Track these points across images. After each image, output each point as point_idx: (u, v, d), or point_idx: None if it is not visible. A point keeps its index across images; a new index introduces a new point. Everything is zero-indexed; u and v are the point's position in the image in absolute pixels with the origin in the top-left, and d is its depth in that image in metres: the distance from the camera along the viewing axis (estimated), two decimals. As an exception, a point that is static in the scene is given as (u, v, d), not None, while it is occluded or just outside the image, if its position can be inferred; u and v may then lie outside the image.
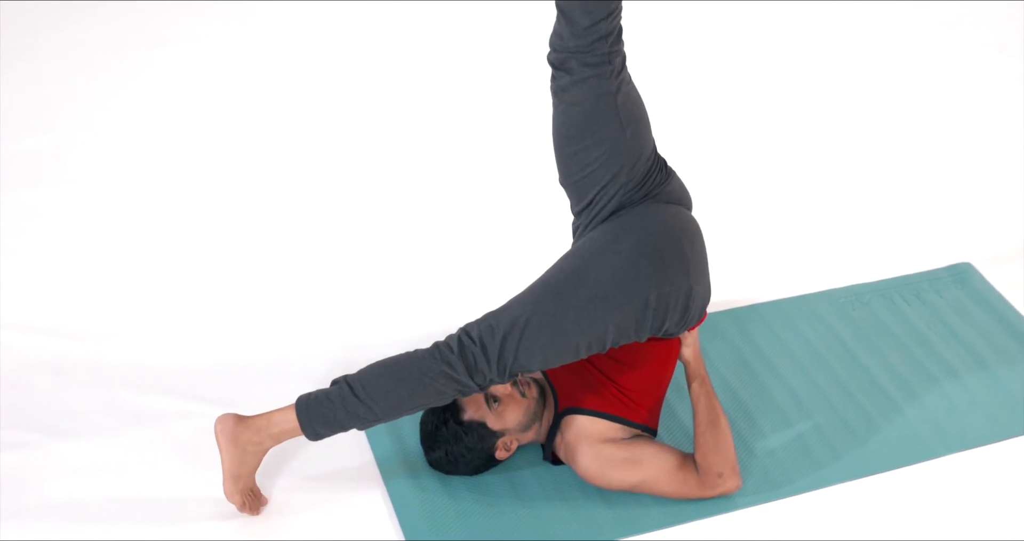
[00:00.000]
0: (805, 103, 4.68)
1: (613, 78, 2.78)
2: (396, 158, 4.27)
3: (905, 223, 4.01)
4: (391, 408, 2.78)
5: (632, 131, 2.83)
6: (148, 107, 4.42)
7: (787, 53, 4.98)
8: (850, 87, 4.77)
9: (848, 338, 3.49)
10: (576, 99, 2.81)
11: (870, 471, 3.09)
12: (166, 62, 4.68)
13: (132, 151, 4.21)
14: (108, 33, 4.84)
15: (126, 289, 3.60)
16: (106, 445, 3.05)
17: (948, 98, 4.70)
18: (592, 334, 2.78)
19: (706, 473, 2.93)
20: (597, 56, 2.76)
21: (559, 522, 2.92)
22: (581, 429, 2.95)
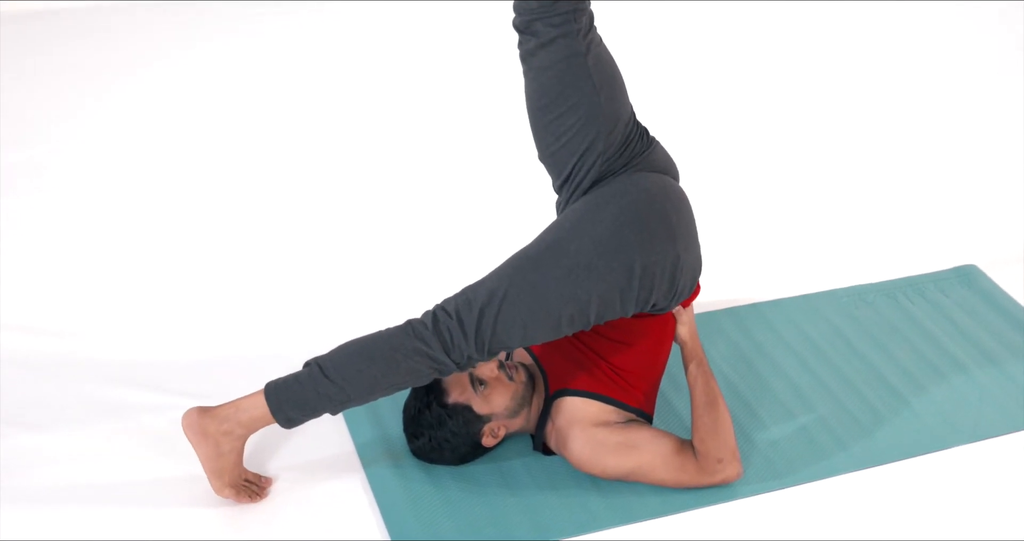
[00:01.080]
0: (810, 104, 4.62)
1: (581, 38, 2.67)
2: (374, 150, 4.22)
3: (909, 225, 3.91)
4: (363, 388, 2.64)
5: (607, 94, 2.72)
6: (124, 121, 4.33)
7: (795, 53, 4.95)
8: (856, 89, 4.72)
9: (851, 335, 3.36)
10: (545, 63, 2.69)
11: (878, 461, 2.94)
12: (149, 81, 4.61)
13: (109, 156, 4.13)
14: (93, 54, 4.79)
15: (101, 286, 3.49)
16: (80, 436, 2.90)
17: (951, 99, 4.64)
18: (574, 305, 2.64)
19: (705, 458, 2.78)
20: (561, 15, 2.64)
21: (550, 510, 2.76)
22: (573, 412, 2.80)
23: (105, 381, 3.09)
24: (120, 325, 3.32)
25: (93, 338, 3.26)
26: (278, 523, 2.70)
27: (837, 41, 5.04)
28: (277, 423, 2.67)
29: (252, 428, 2.67)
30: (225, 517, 2.71)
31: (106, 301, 3.42)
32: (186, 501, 2.74)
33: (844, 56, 4.92)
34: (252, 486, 2.75)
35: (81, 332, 3.27)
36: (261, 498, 2.75)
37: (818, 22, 5.16)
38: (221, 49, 4.85)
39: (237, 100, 4.51)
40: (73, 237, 3.70)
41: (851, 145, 4.37)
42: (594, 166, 2.75)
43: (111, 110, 4.40)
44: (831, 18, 5.18)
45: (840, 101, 4.64)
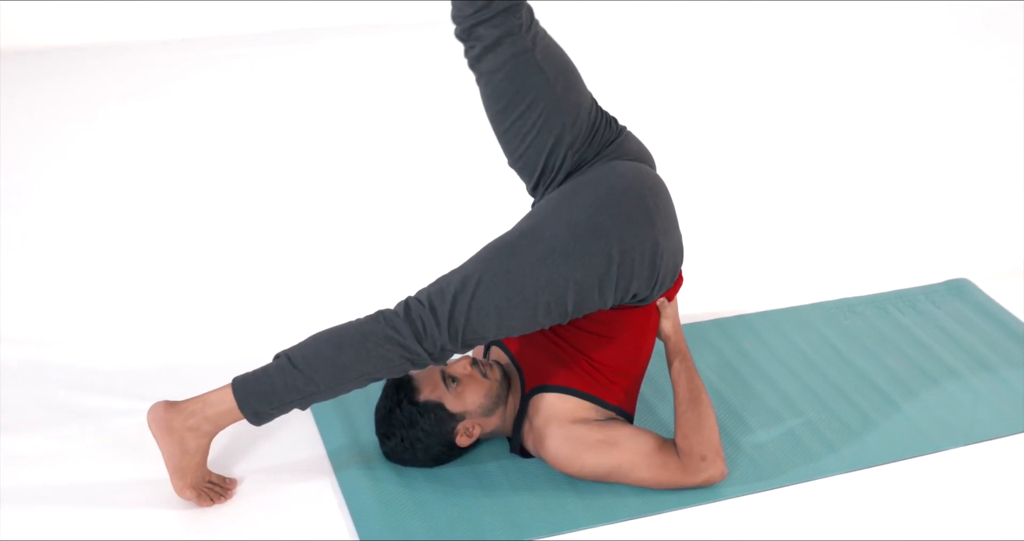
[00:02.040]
0: (802, 115, 4.61)
1: (525, 33, 2.61)
2: (349, 157, 4.21)
3: (900, 240, 3.84)
4: (332, 378, 2.55)
5: (562, 85, 2.65)
6: (100, 146, 4.29)
7: (790, 63, 4.93)
8: (849, 100, 4.70)
9: (840, 344, 3.27)
10: (494, 66, 2.64)
11: (868, 463, 2.83)
12: (130, 113, 4.58)
13: (79, 174, 4.11)
14: (79, 86, 4.77)
15: (67, 295, 3.42)
16: (42, 438, 2.81)
17: (942, 112, 4.62)
18: (551, 292, 2.56)
19: (688, 456, 2.68)
20: (500, 15, 2.58)
21: (526, 511, 2.65)
22: (551, 409, 2.70)
23: (69, 386, 3.01)
24: (86, 333, 3.24)
25: (58, 345, 3.18)
26: (242, 523, 2.60)
27: (833, 50, 5.03)
28: (245, 418, 2.57)
29: (219, 424, 2.58)
30: (187, 518, 2.61)
31: (71, 310, 3.35)
32: (146, 502, 2.64)
33: (840, 66, 4.91)
34: (216, 488, 2.66)
35: (46, 340, 3.19)
36: (225, 500, 2.65)
37: (813, 30, 5.16)
38: (198, 87, 4.82)
39: (207, 124, 4.47)
40: (40, 247, 3.65)
41: (841, 158, 4.33)
42: (566, 160, 2.69)
43: (84, 141, 4.36)
44: (826, 26, 5.18)
45: (832, 112, 4.62)
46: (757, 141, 4.41)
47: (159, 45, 5.12)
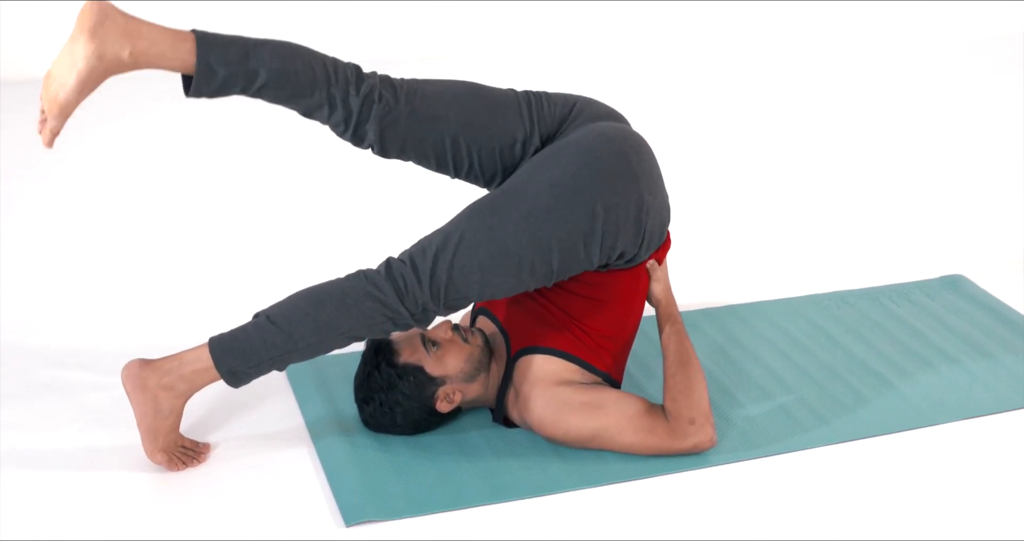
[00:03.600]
0: (799, 119, 4.61)
1: (400, 104, 2.57)
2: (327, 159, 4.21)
3: (894, 238, 3.82)
4: (311, 335, 2.50)
5: (468, 109, 2.62)
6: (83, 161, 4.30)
7: (789, 58, 4.95)
8: (845, 102, 4.72)
9: (833, 330, 3.23)
10: (397, 145, 2.61)
11: (861, 435, 2.78)
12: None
13: (65, 183, 4.09)
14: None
15: (52, 282, 3.42)
16: (16, 409, 2.77)
17: (939, 111, 4.64)
18: (534, 250, 2.53)
19: (676, 420, 2.62)
20: (364, 110, 2.55)
21: (508, 475, 2.59)
22: (535, 372, 2.65)
23: (48, 365, 2.96)
24: (65, 316, 3.22)
25: (38, 328, 3.15)
26: (215, 488, 2.53)
27: (834, 48, 5.06)
28: (221, 378, 2.52)
29: (194, 383, 2.52)
30: (156, 481, 2.55)
31: (52, 294, 3.34)
32: (116, 465, 2.58)
33: (841, 62, 4.94)
34: (188, 452, 2.60)
35: (24, 323, 3.17)
36: (197, 465, 2.60)
37: (810, 28, 5.19)
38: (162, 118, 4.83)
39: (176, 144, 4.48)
40: (26, 239, 3.65)
41: (835, 154, 4.38)
42: (525, 153, 2.67)
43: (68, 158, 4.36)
44: (824, 24, 5.21)
45: (827, 113, 4.63)
46: (754, 138, 4.43)
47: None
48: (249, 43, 2.46)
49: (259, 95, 2.51)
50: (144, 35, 2.38)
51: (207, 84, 2.44)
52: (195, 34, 2.43)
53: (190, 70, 2.42)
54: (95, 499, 2.49)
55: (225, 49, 2.43)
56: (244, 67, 2.44)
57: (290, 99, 2.52)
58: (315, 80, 2.50)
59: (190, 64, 2.41)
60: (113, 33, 2.37)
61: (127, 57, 2.38)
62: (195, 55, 2.41)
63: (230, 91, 2.48)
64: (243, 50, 2.45)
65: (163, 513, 2.46)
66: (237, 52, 2.44)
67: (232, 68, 2.43)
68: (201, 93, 2.46)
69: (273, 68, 2.46)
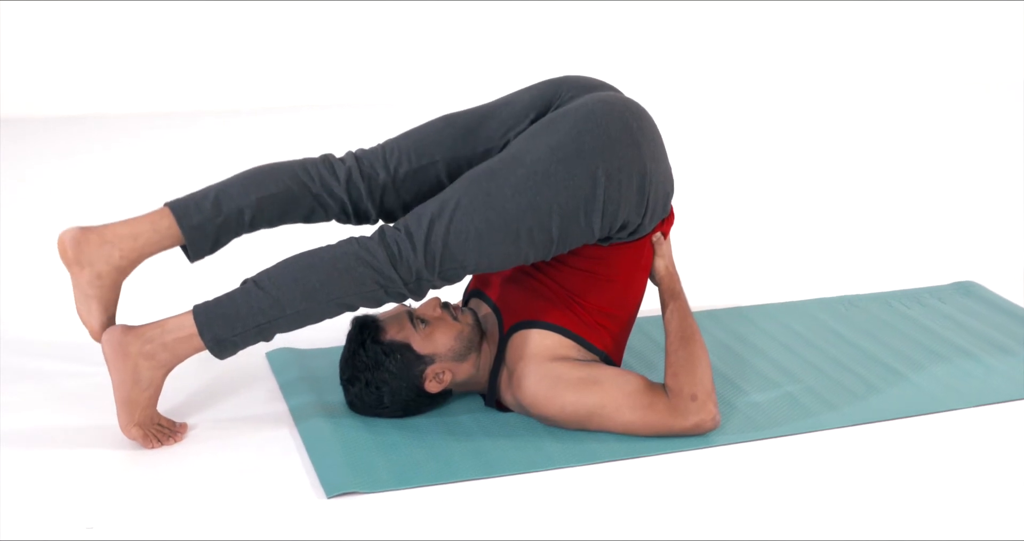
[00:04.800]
0: (810, 118, 4.59)
1: (381, 172, 2.63)
2: None
3: (904, 246, 3.77)
4: (300, 300, 2.44)
5: (447, 141, 2.66)
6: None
7: (801, 58, 4.95)
8: (858, 108, 4.70)
9: (843, 330, 3.14)
10: (393, 202, 2.67)
11: (871, 419, 2.69)
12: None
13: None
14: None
15: (24, 275, 3.39)
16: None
17: (950, 118, 4.60)
18: (533, 217, 2.47)
19: (677, 396, 2.53)
20: (345, 187, 2.62)
21: (499, 453, 2.50)
22: (529, 347, 2.57)
23: (26, 354, 2.92)
24: (43, 309, 3.18)
25: (17, 321, 3.11)
26: (190, 463, 2.45)
27: (851, 50, 5.06)
28: (205, 346, 2.45)
29: (176, 352, 2.45)
30: (131, 459, 2.46)
31: (35, 287, 3.32)
32: (88, 443, 2.51)
33: (855, 65, 4.94)
34: (164, 430, 2.52)
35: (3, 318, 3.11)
36: (173, 443, 2.51)
37: (821, 25, 5.18)
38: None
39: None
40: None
41: (846, 160, 4.37)
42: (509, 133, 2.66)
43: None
44: (835, 22, 5.19)
45: (839, 116, 4.63)
46: (765, 146, 4.40)
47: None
48: (218, 189, 2.57)
49: (255, 228, 2.59)
50: (123, 234, 2.50)
51: (203, 244, 2.55)
52: (169, 207, 2.54)
53: (182, 240, 2.53)
54: (69, 476, 2.41)
55: (199, 206, 2.53)
56: (225, 212, 2.54)
57: (284, 217, 2.61)
58: (294, 192, 2.58)
59: (179, 235, 2.53)
60: (94, 250, 2.50)
61: (121, 261, 2.50)
62: (178, 226, 2.51)
63: (228, 238, 2.58)
64: (215, 198, 2.54)
65: (132, 488, 2.38)
66: (211, 203, 2.53)
67: (216, 220, 2.53)
68: (202, 254, 2.57)
69: (251, 200, 2.55)
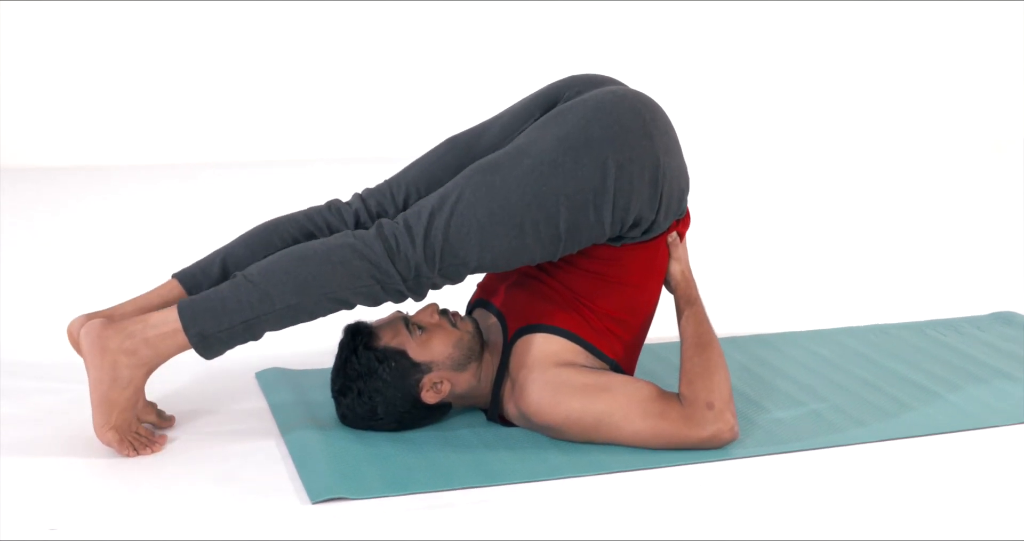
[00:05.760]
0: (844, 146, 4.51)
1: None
2: None
3: (940, 274, 3.68)
4: (291, 294, 2.32)
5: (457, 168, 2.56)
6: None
7: (834, 84, 4.85)
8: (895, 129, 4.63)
9: (872, 354, 3.00)
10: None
11: (903, 434, 2.53)
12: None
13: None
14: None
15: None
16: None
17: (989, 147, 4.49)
18: (539, 209, 2.35)
19: (692, 404, 2.38)
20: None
21: (500, 464, 2.36)
22: (533, 353, 2.44)
23: (4, 375, 2.81)
24: (29, 334, 3.11)
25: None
26: (166, 476, 2.31)
27: (882, 75, 4.99)
28: (190, 344, 2.33)
29: (159, 349, 2.32)
30: (106, 465, 2.33)
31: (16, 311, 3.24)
32: (58, 451, 2.39)
33: (893, 91, 4.87)
34: (142, 439, 2.38)
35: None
36: (150, 452, 2.38)
37: (854, 44, 5.11)
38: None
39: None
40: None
41: (880, 186, 4.27)
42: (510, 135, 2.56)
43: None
44: (868, 41, 5.14)
45: (875, 134, 4.56)
46: (794, 167, 4.33)
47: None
48: (224, 254, 2.51)
49: None
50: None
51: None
52: (177, 279, 2.49)
53: None
54: (43, 483, 2.28)
55: (207, 274, 2.49)
56: None
57: None
58: None
59: None
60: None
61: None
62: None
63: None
64: (222, 264, 2.50)
65: (103, 492, 2.26)
66: (218, 269, 2.49)
67: None
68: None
69: (258, 260, 2.45)
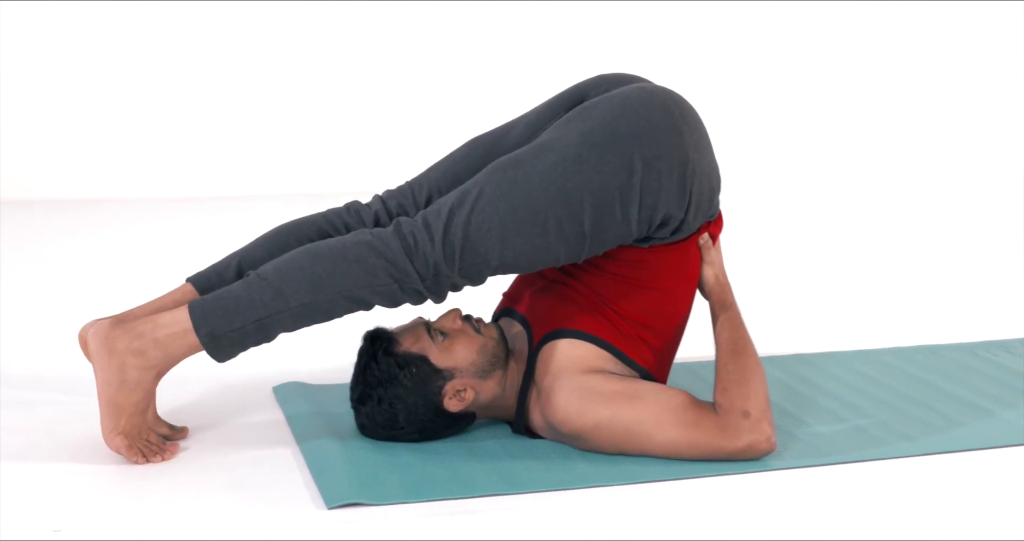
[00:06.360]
0: None
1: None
2: None
3: (989, 296, 3.59)
4: (305, 292, 2.25)
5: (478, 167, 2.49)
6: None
7: (884, 85, 4.82)
8: None
9: (921, 373, 2.89)
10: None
11: (953, 448, 2.42)
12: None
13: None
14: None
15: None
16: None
17: None
18: (563, 206, 2.28)
19: (728, 412, 2.29)
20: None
21: (526, 473, 2.27)
22: (559, 359, 2.36)
23: (5, 385, 2.74)
24: (35, 348, 3.05)
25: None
26: (178, 479, 2.24)
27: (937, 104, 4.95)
28: (201, 345, 2.26)
29: (169, 351, 2.26)
30: (114, 471, 2.26)
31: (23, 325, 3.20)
32: (60, 457, 2.32)
33: (945, 114, 4.82)
34: (152, 446, 2.31)
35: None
36: (160, 460, 2.30)
37: (915, 84, 5.08)
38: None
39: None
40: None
41: (927, 204, 4.20)
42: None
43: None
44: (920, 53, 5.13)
45: (922, 147, 4.54)
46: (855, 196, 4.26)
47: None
48: (239, 256, 2.46)
49: None
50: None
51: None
52: (190, 282, 2.43)
53: None
54: (47, 487, 2.21)
55: (222, 277, 2.44)
56: None
57: None
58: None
59: None
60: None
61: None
62: None
63: None
64: (237, 267, 2.44)
65: (109, 497, 2.19)
66: (233, 272, 2.44)
67: None
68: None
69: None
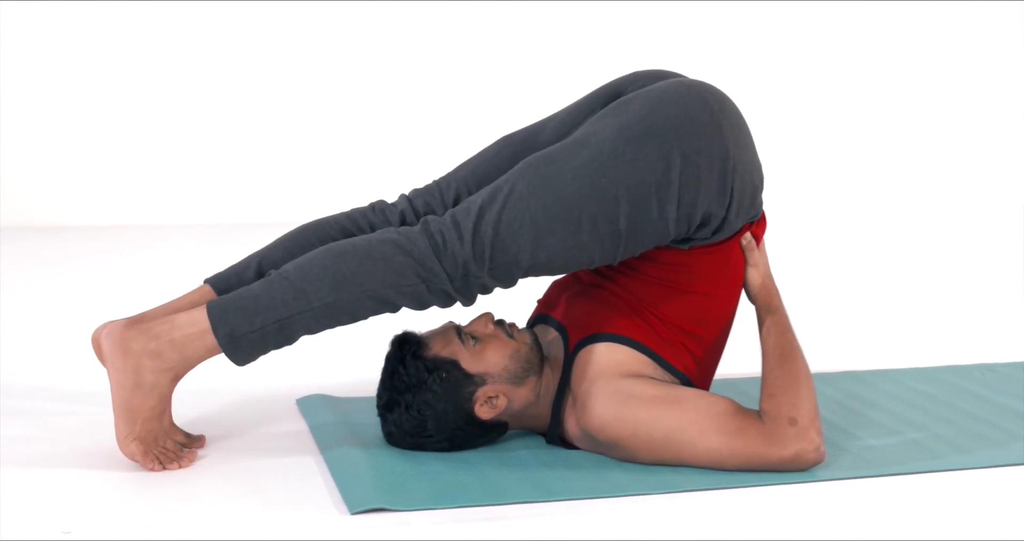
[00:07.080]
0: None
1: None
2: None
3: None
4: (328, 291, 2.18)
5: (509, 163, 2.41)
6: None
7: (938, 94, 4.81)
8: None
9: (980, 390, 2.78)
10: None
11: (1014, 461, 2.31)
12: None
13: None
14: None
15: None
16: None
17: None
18: (597, 202, 2.20)
19: (774, 420, 2.20)
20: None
21: (559, 482, 2.18)
22: (596, 364, 2.27)
23: (21, 397, 2.68)
24: (46, 362, 3.01)
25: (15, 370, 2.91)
26: (195, 485, 2.16)
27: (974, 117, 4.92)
28: (220, 347, 2.19)
29: (186, 353, 2.19)
30: (129, 478, 2.18)
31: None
32: (73, 464, 2.25)
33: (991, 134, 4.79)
34: (169, 453, 2.23)
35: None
36: (177, 467, 2.22)
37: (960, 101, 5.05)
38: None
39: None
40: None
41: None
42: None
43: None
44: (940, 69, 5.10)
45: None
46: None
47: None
48: (260, 256, 2.39)
49: None
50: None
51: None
52: (208, 284, 2.36)
53: None
54: (58, 491, 2.14)
55: (241, 278, 2.36)
56: None
57: None
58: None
59: None
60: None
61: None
62: None
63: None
64: (257, 267, 2.37)
65: (123, 500, 2.11)
66: (253, 273, 2.36)
67: None
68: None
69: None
